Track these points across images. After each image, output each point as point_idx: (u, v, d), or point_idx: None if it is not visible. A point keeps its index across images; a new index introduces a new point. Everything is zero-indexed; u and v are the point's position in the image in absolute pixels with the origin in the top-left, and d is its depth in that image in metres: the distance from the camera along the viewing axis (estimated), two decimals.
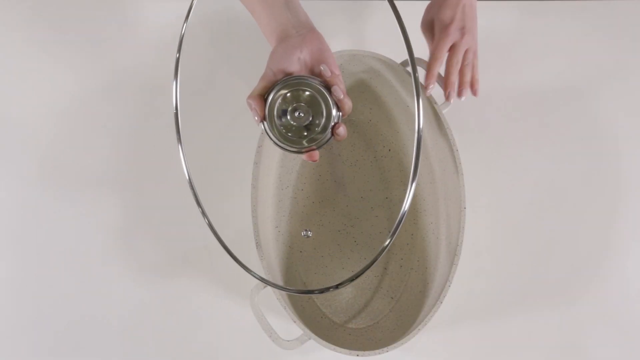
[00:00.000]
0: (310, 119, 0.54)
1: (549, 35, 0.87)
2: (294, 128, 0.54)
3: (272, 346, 0.64)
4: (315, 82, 0.53)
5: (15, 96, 0.84)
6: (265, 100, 0.54)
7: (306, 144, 0.54)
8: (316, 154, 0.55)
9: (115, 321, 0.75)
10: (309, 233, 0.69)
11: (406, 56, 0.73)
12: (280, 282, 0.68)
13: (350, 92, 0.77)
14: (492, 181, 0.80)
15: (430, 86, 0.70)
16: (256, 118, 0.54)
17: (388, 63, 0.71)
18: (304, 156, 0.55)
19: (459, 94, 0.71)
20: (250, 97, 0.54)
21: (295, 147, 0.54)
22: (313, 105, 0.54)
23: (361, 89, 0.76)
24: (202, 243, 0.78)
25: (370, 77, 0.75)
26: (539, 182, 0.80)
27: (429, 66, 0.70)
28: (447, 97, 0.71)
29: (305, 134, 0.54)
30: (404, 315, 0.71)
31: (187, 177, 0.58)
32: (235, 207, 0.78)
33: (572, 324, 0.74)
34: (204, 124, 0.83)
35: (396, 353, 0.63)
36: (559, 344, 0.74)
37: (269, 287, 0.65)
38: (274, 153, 0.74)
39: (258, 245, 0.65)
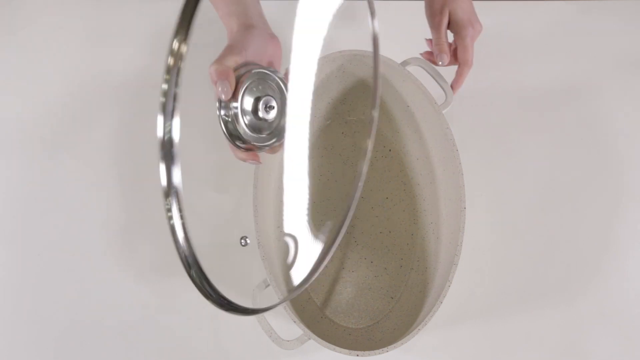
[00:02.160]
0: (274, 116, 0.50)
1: (549, 35, 0.87)
2: (248, 121, 0.49)
3: (272, 346, 0.64)
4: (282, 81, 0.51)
5: (14, 95, 0.84)
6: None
7: (255, 143, 0.50)
8: (258, 157, 0.52)
9: (115, 321, 0.75)
10: (248, 240, 0.61)
11: (405, 57, 0.74)
12: (280, 282, 0.68)
13: (351, 92, 0.77)
14: (492, 181, 0.80)
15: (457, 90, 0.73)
16: (225, 91, 0.47)
17: (388, 63, 0.71)
18: (244, 155, 0.51)
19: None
20: (220, 65, 0.48)
21: (240, 144, 0.50)
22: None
23: (362, 89, 0.76)
24: (202, 243, 0.78)
25: (371, 77, 0.75)
26: (540, 182, 0.80)
27: (463, 59, 0.71)
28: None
29: (255, 132, 0.50)
30: (404, 315, 0.71)
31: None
32: (236, 207, 0.78)
33: (573, 324, 0.74)
34: (204, 124, 0.83)
35: (396, 353, 0.63)
36: (559, 343, 0.74)
37: (269, 287, 0.65)
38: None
39: (260, 245, 0.65)
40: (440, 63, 0.71)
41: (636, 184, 0.80)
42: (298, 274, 0.45)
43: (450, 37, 0.74)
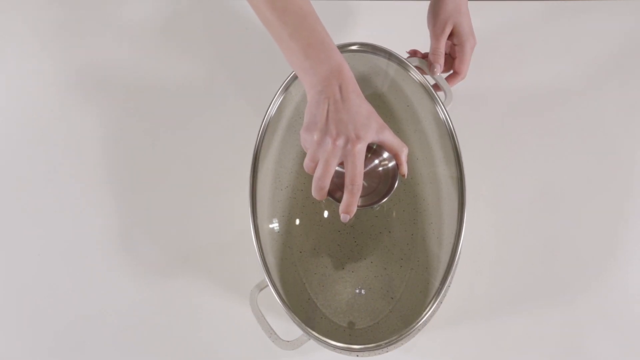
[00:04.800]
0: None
1: (548, 35, 0.87)
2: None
3: (272, 346, 0.64)
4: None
5: (10, 94, 0.84)
6: None
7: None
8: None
9: (114, 321, 0.75)
10: (362, 291, 0.72)
11: (406, 56, 0.74)
12: (279, 282, 0.68)
13: None
14: (492, 181, 0.80)
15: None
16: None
17: (391, 59, 0.71)
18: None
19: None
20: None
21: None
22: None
23: (363, 87, 0.76)
24: (202, 243, 0.78)
25: (372, 73, 0.75)
26: (540, 181, 0.80)
27: (460, 70, 0.74)
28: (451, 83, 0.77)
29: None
30: (404, 315, 0.71)
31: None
32: (235, 207, 0.78)
33: (573, 324, 0.74)
34: (204, 124, 0.83)
35: (396, 353, 0.63)
36: (559, 344, 0.74)
37: (268, 287, 0.65)
38: (273, 153, 0.74)
39: (258, 245, 0.65)
40: (431, 72, 0.73)
41: (636, 183, 0.80)
42: None
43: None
